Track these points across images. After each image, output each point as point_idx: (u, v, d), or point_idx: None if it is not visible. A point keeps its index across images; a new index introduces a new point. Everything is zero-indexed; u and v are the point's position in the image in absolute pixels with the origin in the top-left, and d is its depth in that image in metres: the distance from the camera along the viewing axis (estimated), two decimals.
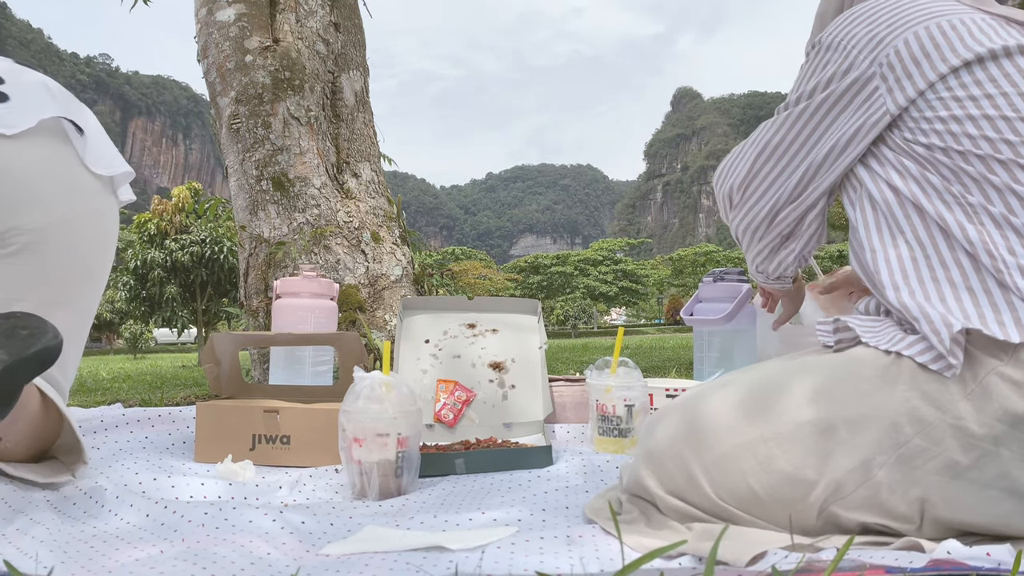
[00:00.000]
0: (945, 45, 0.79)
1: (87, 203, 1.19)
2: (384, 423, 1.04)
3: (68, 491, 1.03)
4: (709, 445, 0.80)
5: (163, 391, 4.22)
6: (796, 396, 0.78)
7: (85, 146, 1.19)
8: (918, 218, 0.79)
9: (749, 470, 0.77)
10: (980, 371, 0.70)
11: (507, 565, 0.72)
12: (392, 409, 1.04)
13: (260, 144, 2.59)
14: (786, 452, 0.76)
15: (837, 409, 0.76)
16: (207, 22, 2.72)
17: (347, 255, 2.56)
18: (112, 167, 1.24)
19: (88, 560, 0.75)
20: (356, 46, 2.96)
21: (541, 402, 1.61)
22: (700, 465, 0.80)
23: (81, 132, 1.19)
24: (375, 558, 0.70)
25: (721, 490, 0.78)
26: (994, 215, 0.74)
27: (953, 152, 0.77)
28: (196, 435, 1.32)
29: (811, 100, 0.87)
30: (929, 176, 0.78)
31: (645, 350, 9.19)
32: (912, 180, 0.80)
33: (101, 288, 1.28)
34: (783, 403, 0.79)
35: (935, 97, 0.79)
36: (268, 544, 0.80)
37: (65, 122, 1.17)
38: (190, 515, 0.90)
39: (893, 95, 0.80)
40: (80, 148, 1.19)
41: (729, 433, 0.79)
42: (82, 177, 1.18)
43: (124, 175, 1.27)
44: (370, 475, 1.04)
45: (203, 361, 1.44)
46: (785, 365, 0.85)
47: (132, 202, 1.37)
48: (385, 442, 1.04)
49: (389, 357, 1.14)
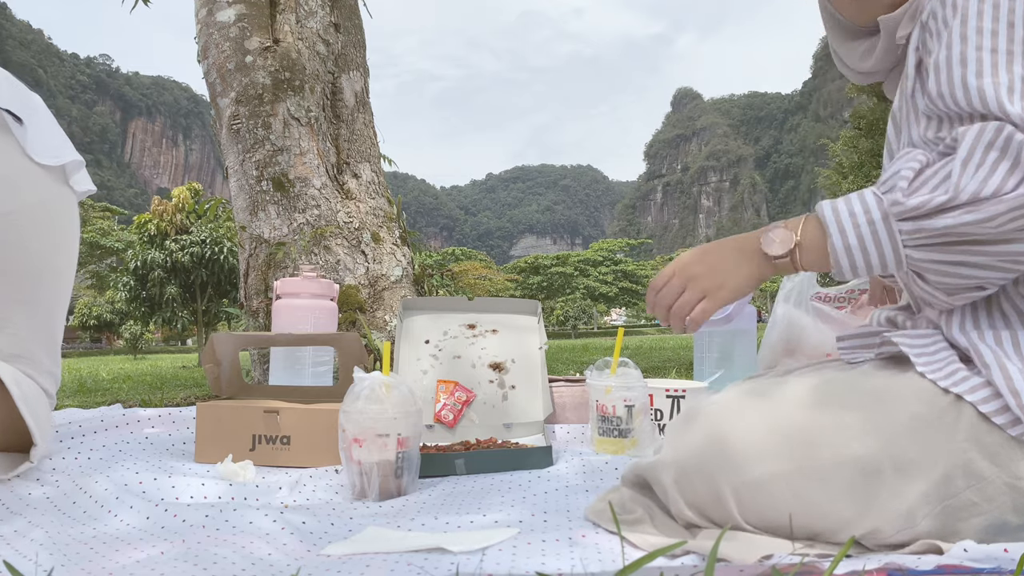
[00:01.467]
0: None
1: (33, 195, 1.15)
2: (384, 424, 1.04)
3: (68, 491, 1.03)
4: (741, 469, 0.74)
5: (163, 391, 4.22)
6: (839, 427, 0.73)
7: (26, 136, 1.15)
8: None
9: (782, 499, 0.72)
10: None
11: (508, 566, 0.72)
12: (392, 410, 1.04)
13: (260, 145, 2.59)
14: (825, 488, 0.71)
15: (885, 448, 0.70)
16: (207, 23, 2.72)
17: (347, 256, 2.56)
18: (59, 156, 1.20)
19: (88, 562, 0.75)
20: (356, 47, 2.96)
21: (541, 403, 1.61)
22: (730, 487, 0.74)
23: (20, 122, 1.15)
24: (376, 559, 0.70)
25: (749, 514, 0.74)
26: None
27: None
28: (196, 435, 1.32)
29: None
30: None
31: (645, 350, 9.20)
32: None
33: (66, 283, 1.25)
34: (825, 434, 0.73)
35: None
36: (269, 545, 0.80)
37: (3, 112, 1.13)
38: (190, 516, 0.90)
39: None
40: (21, 138, 1.14)
41: (763, 460, 0.74)
42: (25, 168, 1.14)
43: (75, 164, 1.24)
44: (370, 476, 1.04)
45: (204, 361, 1.44)
46: (823, 385, 0.78)
47: (93, 192, 1.32)
48: (385, 443, 1.04)
49: (389, 358, 1.14)
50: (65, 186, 1.24)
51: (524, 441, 1.50)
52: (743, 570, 0.56)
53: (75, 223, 1.28)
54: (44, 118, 1.23)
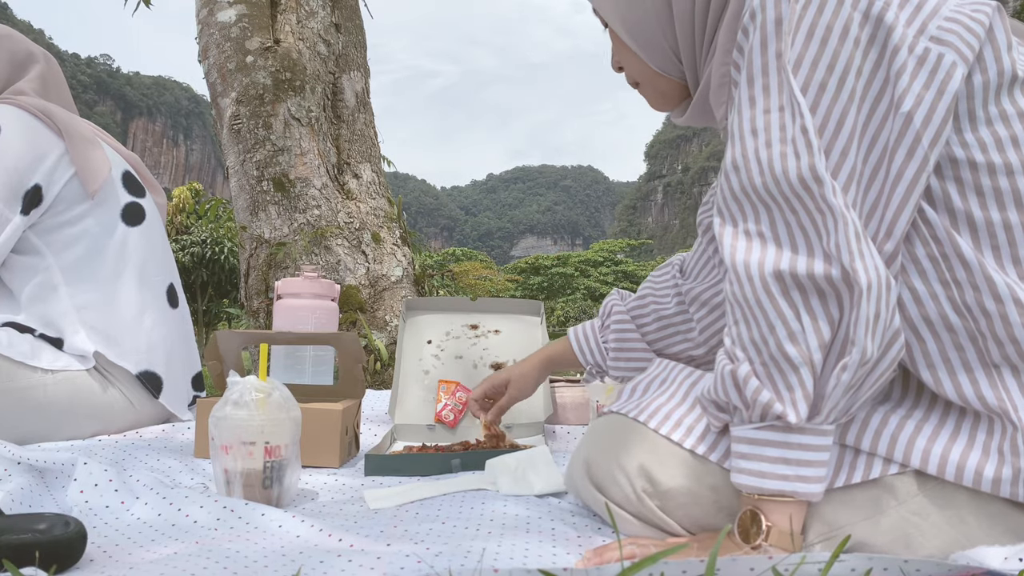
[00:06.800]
0: None
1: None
2: (250, 431, 0.98)
3: (70, 491, 1.03)
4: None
5: None
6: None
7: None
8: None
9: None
10: None
11: (508, 560, 0.72)
12: (260, 417, 0.99)
13: (261, 145, 2.59)
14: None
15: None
16: (208, 23, 2.72)
17: (348, 256, 2.56)
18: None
19: (92, 562, 0.75)
20: (357, 47, 2.96)
21: (542, 403, 1.61)
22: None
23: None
24: (385, 555, 0.70)
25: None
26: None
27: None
28: (196, 432, 1.32)
29: None
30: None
31: None
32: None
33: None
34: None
35: None
36: (280, 540, 0.80)
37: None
38: (197, 515, 0.90)
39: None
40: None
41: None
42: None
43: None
44: (234, 484, 0.98)
45: (206, 359, 1.44)
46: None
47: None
48: (251, 451, 0.98)
49: (266, 361, 1.09)
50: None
51: (524, 442, 1.50)
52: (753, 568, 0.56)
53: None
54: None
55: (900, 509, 0.69)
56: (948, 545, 0.68)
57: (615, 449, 0.83)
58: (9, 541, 0.67)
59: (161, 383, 1.53)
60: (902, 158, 0.66)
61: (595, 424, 0.91)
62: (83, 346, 1.43)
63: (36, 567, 0.65)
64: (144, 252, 1.56)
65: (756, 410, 0.67)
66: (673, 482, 0.77)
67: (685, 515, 0.78)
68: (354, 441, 1.41)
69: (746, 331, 0.68)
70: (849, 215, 0.64)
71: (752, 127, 0.69)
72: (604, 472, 0.83)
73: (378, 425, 1.66)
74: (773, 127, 0.68)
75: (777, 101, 0.68)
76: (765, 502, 0.69)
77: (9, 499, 0.90)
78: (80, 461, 1.01)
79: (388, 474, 1.21)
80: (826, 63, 0.67)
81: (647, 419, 0.82)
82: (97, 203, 1.49)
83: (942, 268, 0.68)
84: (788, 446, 0.67)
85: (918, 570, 0.59)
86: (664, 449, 0.79)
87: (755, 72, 0.69)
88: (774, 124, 0.68)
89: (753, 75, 0.69)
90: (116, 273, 1.50)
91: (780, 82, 0.68)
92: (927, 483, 0.69)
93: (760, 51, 0.69)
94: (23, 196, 1.38)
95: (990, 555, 0.62)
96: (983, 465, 0.66)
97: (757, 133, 0.69)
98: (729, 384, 0.69)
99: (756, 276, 0.67)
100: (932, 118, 0.65)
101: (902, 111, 0.66)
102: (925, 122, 0.65)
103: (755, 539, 0.68)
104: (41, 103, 1.45)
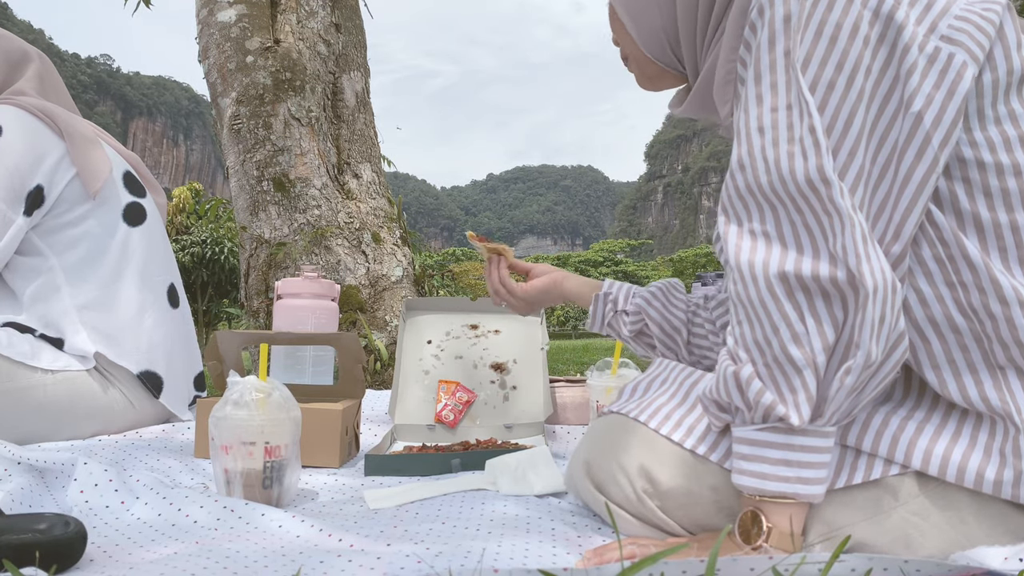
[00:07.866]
0: None
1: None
2: (250, 431, 0.98)
3: (70, 491, 1.03)
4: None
5: None
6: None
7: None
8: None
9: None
10: None
11: (508, 560, 0.72)
12: (260, 417, 0.99)
13: (261, 145, 2.59)
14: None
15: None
16: (208, 23, 2.72)
17: (348, 256, 2.56)
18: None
19: (92, 562, 0.75)
20: (357, 47, 2.96)
21: (542, 403, 1.61)
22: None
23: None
24: (385, 555, 0.70)
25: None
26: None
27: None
28: (196, 432, 1.32)
29: None
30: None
31: None
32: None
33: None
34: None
35: None
36: (280, 540, 0.80)
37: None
38: (197, 515, 0.90)
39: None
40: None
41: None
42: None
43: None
44: (234, 484, 0.99)
45: (206, 359, 1.44)
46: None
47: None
48: (251, 451, 0.98)
49: (266, 361, 1.09)
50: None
51: (524, 442, 1.50)
52: (753, 568, 0.56)
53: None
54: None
55: (901, 510, 0.69)
56: (948, 546, 0.68)
57: (615, 449, 0.83)
58: (9, 541, 0.67)
59: (162, 383, 1.53)
60: (911, 159, 0.66)
61: (595, 424, 0.91)
62: (84, 346, 1.43)
63: (36, 567, 0.65)
64: (145, 252, 1.56)
65: (758, 411, 0.67)
66: (673, 482, 0.77)
67: (685, 515, 0.78)
68: (354, 441, 1.41)
69: (749, 332, 0.68)
70: (856, 217, 0.64)
71: (759, 125, 0.69)
72: (604, 472, 0.83)
73: (378, 425, 1.66)
74: (780, 126, 0.67)
75: (785, 99, 0.67)
76: (766, 503, 0.68)
77: (9, 499, 0.90)
78: (80, 461, 1.01)
79: (388, 474, 1.21)
80: (835, 62, 0.66)
81: (647, 419, 0.82)
82: (99, 203, 1.49)
83: (948, 270, 0.68)
84: (790, 448, 0.67)
85: (918, 570, 0.59)
86: (664, 449, 0.79)
87: (763, 69, 0.69)
88: (781, 123, 0.67)
89: (761, 72, 0.69)
90: (117, 273, 1.50)
91: (788, 80, 0.67)
92: (928, 484, 0.69)
93: (768, 48, 0.68)
94: (26, 197, 1.38)
95: (990, 555, 0.62)
96: (984, 467, 0.66)
97: (764, 131, 0.68)
98: (731, 385, 0.69)
99: (761, 277, 0.67)
100: (943, 119, 0.65)
101: (912, 111, 0.65)
102: (935, 123, 0.65)
103: (756, 540, 0.68)
104: (42, 103, 1.45)
